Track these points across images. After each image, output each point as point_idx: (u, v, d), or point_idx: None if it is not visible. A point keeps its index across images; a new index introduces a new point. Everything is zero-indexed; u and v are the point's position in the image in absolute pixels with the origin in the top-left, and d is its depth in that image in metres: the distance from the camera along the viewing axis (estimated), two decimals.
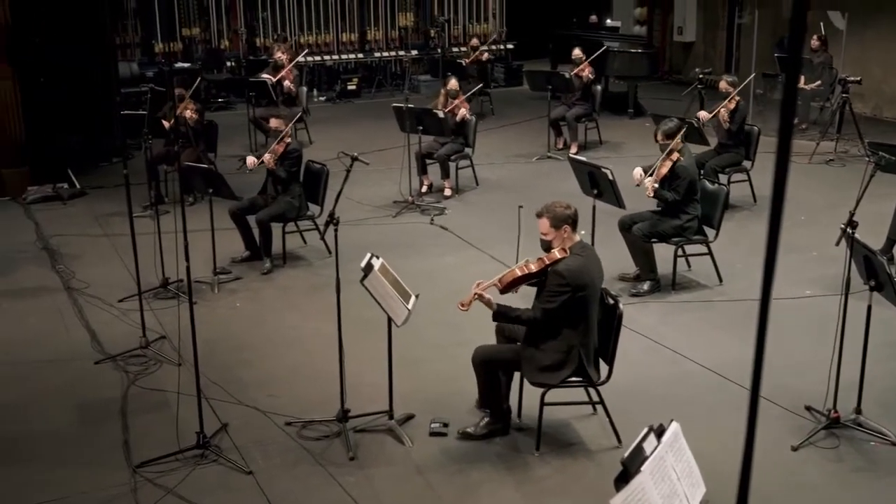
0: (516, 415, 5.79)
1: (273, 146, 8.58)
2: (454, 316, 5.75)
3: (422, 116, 10.32)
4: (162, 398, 6.17)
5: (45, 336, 7.24)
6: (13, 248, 9.29)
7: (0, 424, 5.92)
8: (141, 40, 16.79)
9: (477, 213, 10.21)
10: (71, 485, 5.25)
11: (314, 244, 8.95)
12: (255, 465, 5.35)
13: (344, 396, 5.64)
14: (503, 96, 16.92)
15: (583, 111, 12.79)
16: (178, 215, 5.64)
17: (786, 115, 1.57)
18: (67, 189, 11.24)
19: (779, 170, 1.56)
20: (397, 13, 18.64)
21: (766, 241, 1.64)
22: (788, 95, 1.60)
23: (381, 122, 13.78)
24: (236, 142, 12.90)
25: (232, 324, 7.43)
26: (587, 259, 5.38)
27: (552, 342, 5.35)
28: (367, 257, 5.47)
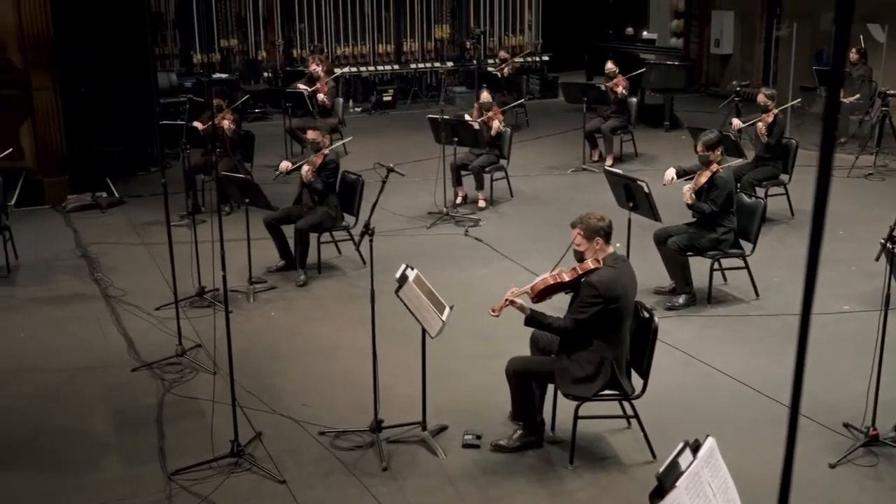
0: (550, 427, 5.76)
1: (311, 158, 8.63)
2: (488, 327, 5.75)
3: (457, 128, 10.34)
4: (197, 406, 6.22)
5: (83, 343, 7.32)
6: (53, 255, 9.42)
7: (39, 430, 5.99)
8: (180, 51, 16.98)
9: (511, 225, 10.20)
10: (108, 490, 5.30)
11: (349, 254, 8.99)
12: (289, 475, 5.37)
13: (377, 407, 5.64)
14: (538, 108, 16.91)
15: (618, 123, 12.76)
16: (215, 225, 5.68)
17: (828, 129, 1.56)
18: (106, 198, 11.37)
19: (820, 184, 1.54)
20: (433, 25, 18.70)
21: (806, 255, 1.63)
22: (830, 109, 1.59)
23: (417, 133, 13.82)
24: (272, 152, 12.98)
25: (267, 333, 7.47)
26: (621, 271, 5.36)
27: (584, 353, 5.33)
28: (401, 268, 5.48)
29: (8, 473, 5.49)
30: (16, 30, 11.24)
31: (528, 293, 5.40)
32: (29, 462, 5.61)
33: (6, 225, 8.98)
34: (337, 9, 17.87)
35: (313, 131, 8.82)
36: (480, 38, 18.60)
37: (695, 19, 18.99)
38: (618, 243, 5.55)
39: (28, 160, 11.59)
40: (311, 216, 8.56)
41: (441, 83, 18.35)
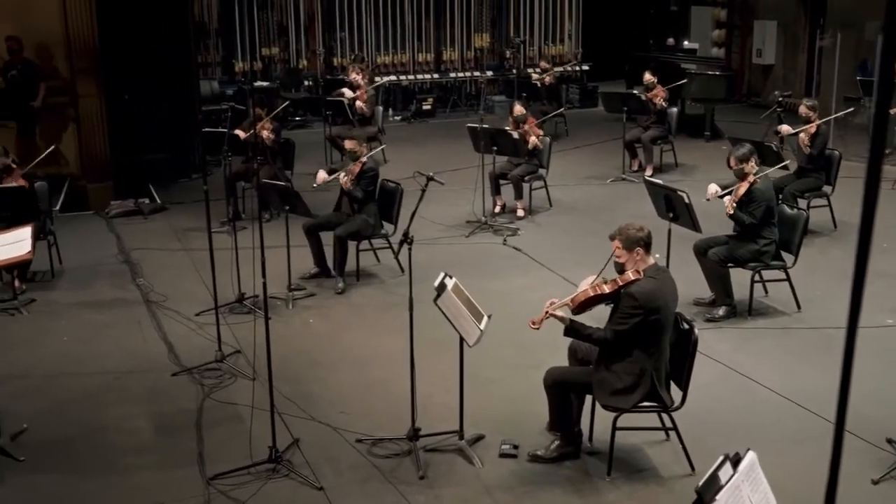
0: (587, 438, 5.74)
1: (350, 166, 8.68)
2: (526, 337, 5.73)
3: (496, 137, 10.34)
4: (235, 412, 6.26)
5: (124, 347, 7.40)
6: (96, 260, 9.54)
7: (80, 432, 6.06)
8: (222, 59, 17.15)
9: (550, 235, 10.17)
10: (147, 494, 5.36)
11: (387, 262, 9.01)
12: (326, 482, 5.39)
13: (415, 415, 5.65)
14: (578, 117, 16.86)
15: (658, 133, 12.69)
16: (256, 231, 5.73)
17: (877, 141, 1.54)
18: (148, 204, 11.51)
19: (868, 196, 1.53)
20: (473, 34, 18.73)
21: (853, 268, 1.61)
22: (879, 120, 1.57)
23: (456, 142, 13.85)
24: (313, 159, 13.04)
25: (305, 340, 7.51)
26: (661, 282, 5.33)
27: (624, 364, 5.30)
28: (440, 277, 5.48)
29: (49, 475, 5.56)
30: (62, 38, 11.43)
31: (569, 305, 5.38)
32: (70, 464, 5.68)
33: (51, 230, 9.12)
34: (377, 18, 17.97)
35: (351, 140, 8.87)
36: (520, 47, 18.59)
37: (737, 29, 18.86)
38: (657, 254, 5.51)
39: (73, 166, 11.78)
40: (349, 224, 8.60)
41: (480, 92, 18.37)
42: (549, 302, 5.37)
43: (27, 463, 5.68)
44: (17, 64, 11.18)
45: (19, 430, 6.00)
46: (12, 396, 6.37)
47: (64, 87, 11.62)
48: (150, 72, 12.23)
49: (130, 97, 12.02)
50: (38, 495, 5.39)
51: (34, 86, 11.27)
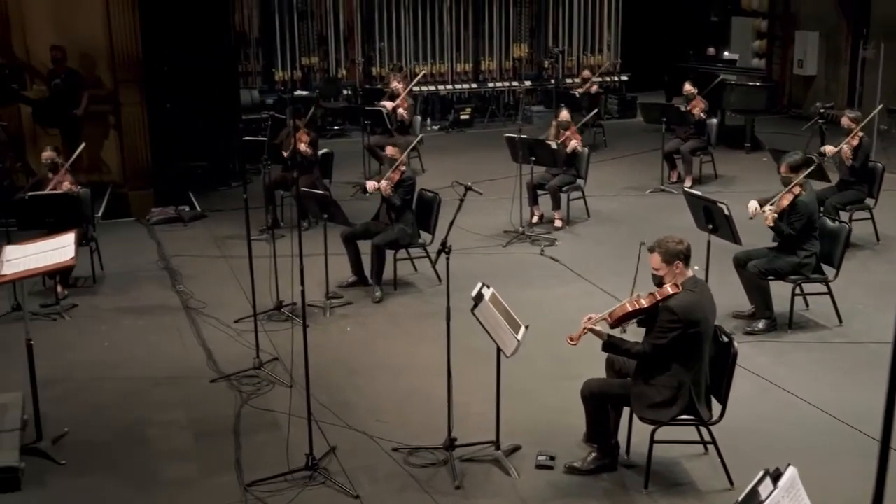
0: (625, 451, 5.71)
1: (389, 174, 8.72)
2: (563, 348, 5.71)
3: (534, 147, 10.34)
4: (273, 419, 6.30)
5: (164, 353, 7.48)
6: (137, 267, 9.65)
7: (119, 436, 6.13)
8: (262, 68, 17.29)
9: (587, 245, 10.14)
10: (186, 499, 5.41)
11: (424, 271, 9.03)
12: (362, 490, 5.40)
13: (451, 425, 5.64)
14: (616, 128, 16.80)
15: (698, 144, 12.61)
16: (294, 239, 5.77)
17: None
18: (189, 211, 11.63)
19: None
20: (512, 44, 18.73)
21: None
22: None
23: (493, 151, 13.85)
24: (351, 169, 13.13)
25: (343, 348, 7.54)
26: (700, 295, 5.29)
27: (662, 378, 5.27)
28: (477, 287, 5.48)
29: (89, 478, 5.63)
30: (106, 48, 11.61)
31: (606, 319, 5.35)
32: (110, 467, 5.75)
33: (93, 236, 9.23)
34: (416, 28, 18.03)
35: (392, 147, 8.92)
36: (559, 57, 18.57)
37: (778, 39, 18.69)
38: (696, 266, 5.48)
39: (115, 174, 11.94)
40: (387, 232, 8.63)
41: (519, 102, 18.36)
42: (587, 317, 5.35)
43: (68, 466, 5.75)
44: (60, 73, 11.36)
45: (60, 433, 6.08)
46: (54, 400, 6.45)
47: (107, 95, 11.79)
48: (191, 81, 12.38)
49: (172, 106, 12.15)
50: (78, 498, 5.46)
51: (77, 94, 11.44)
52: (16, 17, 11.39)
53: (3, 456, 5.59)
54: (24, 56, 11.50)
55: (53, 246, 6.10)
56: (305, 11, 17.41)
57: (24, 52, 11.50)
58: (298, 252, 5.61)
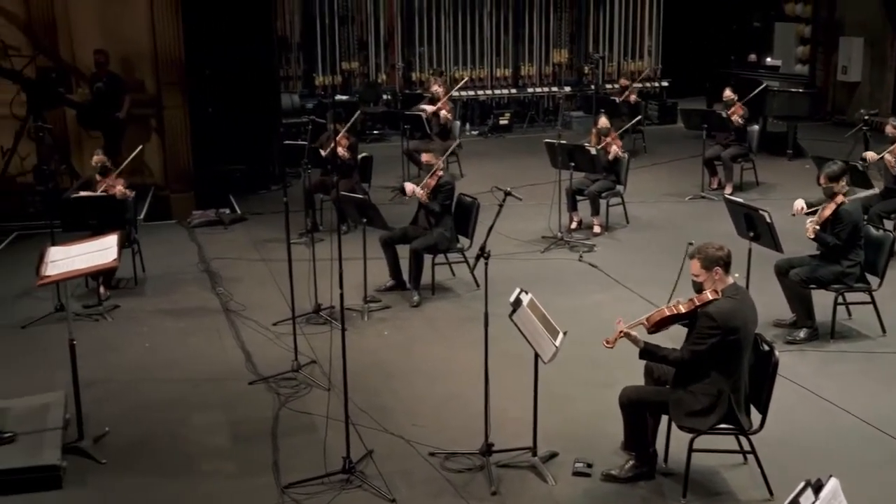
0: (663, 459, 5.66)
1: (426, 180, 8.73)
2: (601, 355, 5.69)
3: (573, 152, 10.31)
4: (310, 421, 6.33)
5: (203, 355, 7.54)
6: (177, 269, 9.74)
7: (159, 437, 6.19)
8: (303, 73, 17.40)
9: (626, 252, 10.08)
10: (223, 500, 5.45)
11: (462, 276, 9.02)
12: (399, 494, 5.41)
13: (488, 430, 5.64)
14: (656, 134, 16.69)
15: (739, 151, 12.50)
16: (333, 243, 5.79)
17: None
18: (229, 214, 11.72)
19: None
20: (552, 49, 18.70)
21: None
22: None
23: (532, 157, 13.83)
24: (390, 173, 13.17)
25: (380, 352, 7.56)
26: (740, 302, 5.25)
27: (701, 385, 5.23)
28: (515, 292, 5.48)
29: (129, 478, 5.69)
30: (150, 52, 11.77)
31: (644, 325, 5.33)
32: (149, 468, 5.81)
33: (136, 238, 9.34)
34: (456, 33, 18.06)
35: (428, 153, 8.93)
36: (599, 62, 18.50)
37: (821, 45, 18.49)
38: (736, 273, 5.43)
39: (157, 176, 12.08)
40: (426, 237, 8.64)
41: (558, 108, 18.31)
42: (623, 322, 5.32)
43: (108, 466, 5.82)
44: (102, 77, 11.52)
45: (102, 433, 6.16)
46: (96, 400, 6.53)
47: (150, 99, 11.93)
48: (232, 85, 12.49)
49: (213, 109, 12.26)
50: (118, 498, 5.51)
51: (119, 98, 11.59)
52: (62, 21, 11.58)
53: (46, 454, 5.67)
54: (70, 60, 11.67)
55: (97, 247, 6.19)
56: (346, 16, 17.51)
57: (70, 55, 11.67)
58: (337, 256, 5.64)
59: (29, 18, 11.48)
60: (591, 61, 18.53)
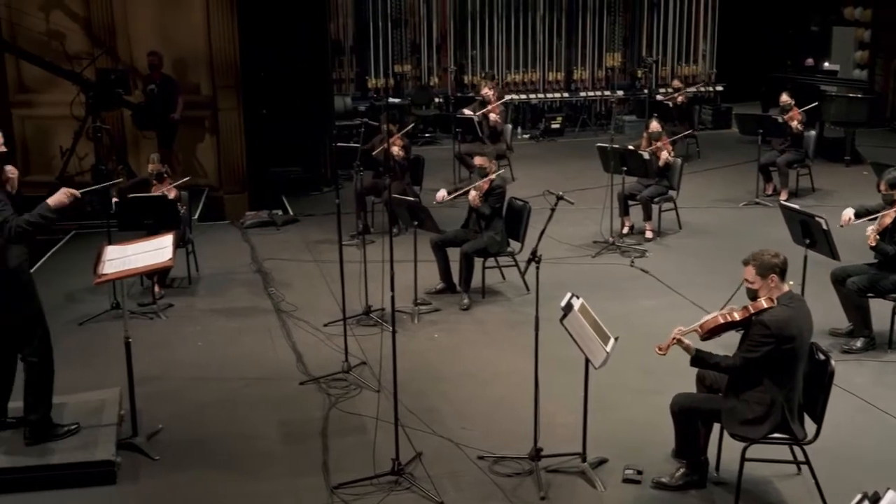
0: (714, 468, 5.60)
1: (478, 183, 8.73)
2: (653, 361, 5.65)
3: (626, 157, 10.24)
4: (360, 422, 6.36)
5: (255, 354, 7.61)
6: (230, 269, 9.85)
7: (211, 436, 6.27)
8: (356, 75, 17.51)
9: (678, 258, 9.99)
10: (273, 499, 5.49)
11: (513, 280, 9.01)
12: (447, 497, 5.41)
13: (537, 434, 5.62)
14: (710, 139, 16.53)
15: (795, 157, 12.32)
16: (383, 245, 5.82)
17: None
18: (281, 216, 11.82)
19: None
20: (605, 53, 18.61)
21: None
22: None
23: (584, 161, 13.78)
24: (441, 176, 13.18)
25: (430, 354, 7.57)
26: (796, 310, 5.17)
27: (754, 394, 5.16)
28: (567, 297, 5.46)
29: (181, 474, 5.76)
30: (206, 54, 11.93)
31: (697, 331, 5.28)
32: (200, 465, 5.87)
33: (190, 238, 9.46)
34: (509, 36, 18.05)
35: (480, 157, 8.94)
36: (652, 66, 18.37)
37: (881, 50, 18.17)
38: (791, 281, 5.35)
39: (211, 177, 12.23)
40: (476, 240, 8.65)
41: (610, 111, 18.22)
42: (678, 329, 5.28)
43: (161, 462, 5.90)
44: (156, 78, 11.69)
45: (155, 430, 6.25)
46: (149, 397, 6.62)
47: (205, 101, 12.08)
48: (286, 87, 12.61)
49: (267, 111, 12.38)
50: (170, 494, 5.58)
51: (173, 99, 11.75)
52: (121, 24, 11.79)
53: (101, 450, 5.76)
54: (129, 62, 11.86)
55: (152, 247, 6.27)
56: (399, 19, 17.58)
57: (128, 58, 11.87)
58: (389, 258, 5.67)
59: (89, 22, 11.69)
60: (645, 65, 18.41)
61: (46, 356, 5.84)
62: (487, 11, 17.86)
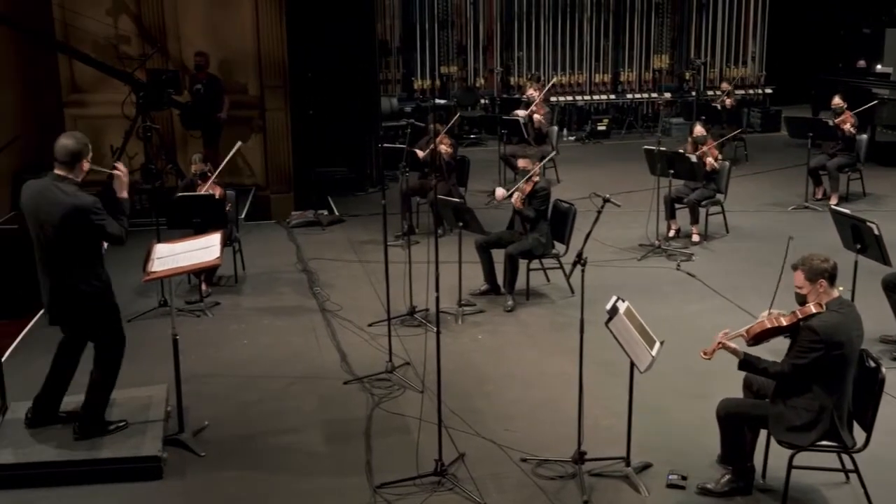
0: (760, 475, 5.53)
1: (521, 185, 8.71)
2: (698, 365, 5.59)
3: (673, 160, 10.16)
4: (403, 423, 6.37)
5: (300, 353, 7.66)
6: (276, 268, 9.92)
7: (256, 434, 6.31)
8: (402, 76, 17.56)
9: (725, 262, 9.89)
10: (316, 498, 5.52)
11: (557, 282, 8.98)
12: (490, 499, 5.40)
13: (581, 438, 5.60)
14: (759, 142, 16.35)
15: (846, 161, 12.14)
16: (428, 246, 5.82)
17: None
18: (327, 216, 11.89)
19: None
20: (652, 55, 18.49)
21: None
22: None
23: (630, 163, 13.71)
24: (487, 177, 13.20)
25: (473, 356, 7.57)
26: (845, 316, 5.09)
27: (803, 401, 5.09)
28: (612, 300, 5.42)
29: (226, 471, 5.81)
30: (254, 55, 12.02)
31: (744, 336, 5.22)
32: (245, 463, 5.91)
33: (237, 237, 9.54)
34: (556, 38, 18.00)
35: (524, 159, 8.91)
36: (701, 68, 18.20)
37: None
38: (841, 286, 5.27)
39: (258, 177, 12.32)
40: (521, 242, 8.63)
41: (658, 114, 18.09)
42: (723, 332, 5.23)
43: (206, 458, 5.95)
44: (202, 78, 11.81)
45: (201, 426, 6.31)
46: (195, 394, 6.68)
47: (252, 101, 12.19)
48: (333, 87, 12.68)
49: (314, 112, 12.46)
50: (215, 490, 5.63)
51: (219, 99, 11.86)
52: (172, 26, 11.92)
53: (147, 445, 5.83)
54: (179, 62, 12.00)
55: (200, 245, 6.34)
56: (446, 20, 17.62)
57: (179, 57, 12.00)
58: (434, 259, 5.67)
59: (140, 22, 11.84)
60: (693, 67, 18.25)
61: (114, 361, 5.94)
62: (534, 12, 17.84)
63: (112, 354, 5.91)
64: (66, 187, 5.55)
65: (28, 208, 5.67)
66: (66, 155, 5.59)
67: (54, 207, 5.51)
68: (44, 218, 5.56)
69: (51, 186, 5.58)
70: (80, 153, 5.62)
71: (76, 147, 5.62)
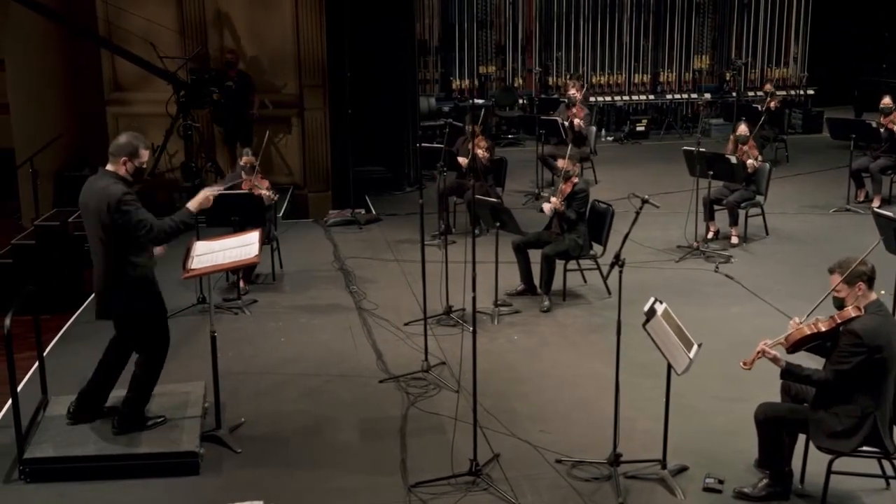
0: (798, 479, 5.47)
1: (560, 186, 8.69)
2: (736, 369, 5.53)
3: (713, 161, 10.08)
4: (439, 422, 6.37)
5: (336, 352, 7.70)
6: (313, 266, 9.98)
7: (292, 431, 6.35)
8: (440, 76, 17.58)
9: (765, 264, 9.79)
10: (351, 496, 5.54)
11: (594, 283, 8.94)
12: (524, 499, 5.39)
13: (617, 440, 5.57)
14: (800, 143, 16.18)
15: (889, 163, 11.96)
16: (465, 245, 5.82)
17: None
18: (364, 215, 11.94)
19: None
20: (692, 55, 18.35)
21: None
22: None
23: (668, 164, 13.62)
24: (525, 177, 13.17)
25: (509, 356, 7.56)
26: (885, 319, 5.03)
27: (844, 406, 5.02)
28: (650, 301, 5.39)
29: (262, 468, 5.85)
30: (293, 54, 12.10)
31: (783, 344, 5.16)
32: (281, 459, 5.96)
33: (275, 236, 9.61)
34: (595, 38, 17.92)
35: (563, 160, 8.88)
36: (742, 69, 18.04)
37: None
38: (882, 290, 5.20)
39: (296, 176, 12.40)
40: (558, 243, 8.60)
41: (697, 115, 17.96)
42: (762, 342, 5.17)
43: (243, 455, 5.99)
44: (233, 76, 11.89)
45: (238, 423, 6.35)
46: (233, 391, 6.74)
47: (291, 100, 12.26)
48: (372, 87, 12.72)
49: (353, 111, 12.51)
50: (252, 486, 5.66)
51: (249, 96, 11.95)
52: (214, 26, 12.02)
53: (185, 441, 5.89)
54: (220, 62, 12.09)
55: (239, 243, 6.38)
56: (485, 21, 17.61)
57: (219, 57, 12.09)
58: (471, 259, 5.67)
59: (182, 23, 11.95)
60: (734, 68, 18.09)
61: (157, 359, 6.01)
62: (573, 12, 17.78)
63: (156, 352, 5.98)
64: (104, 180, 5.70)
65: (80, 201, 5.86)
66: (112, 149, 5.82)
67: (91, 198, 5.72)
68: (88, 209, 5.74)
69: (95, 179, 5.80)
70: (124, 150, 5.76)
71: (122, 143, 5.81)
